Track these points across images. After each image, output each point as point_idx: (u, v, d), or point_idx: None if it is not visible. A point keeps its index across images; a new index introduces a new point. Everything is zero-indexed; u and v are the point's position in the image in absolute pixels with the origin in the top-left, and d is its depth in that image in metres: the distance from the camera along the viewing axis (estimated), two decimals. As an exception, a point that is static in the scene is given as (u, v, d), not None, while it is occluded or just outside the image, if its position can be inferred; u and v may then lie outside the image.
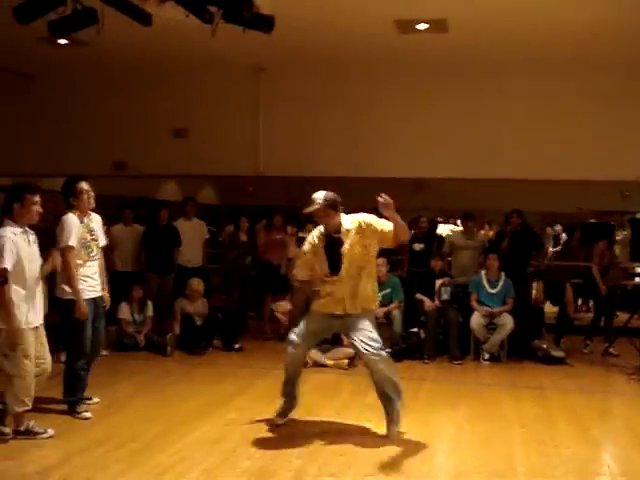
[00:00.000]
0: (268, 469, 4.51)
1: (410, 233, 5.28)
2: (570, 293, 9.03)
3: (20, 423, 4.98)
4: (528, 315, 8.59)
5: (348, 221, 5.13)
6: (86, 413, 5.59)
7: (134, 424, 5.42)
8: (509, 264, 8.53)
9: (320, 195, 5.08)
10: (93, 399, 5.92)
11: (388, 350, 7.98)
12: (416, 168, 9.35)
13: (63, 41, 8.09)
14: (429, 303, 8.44)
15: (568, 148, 8.81)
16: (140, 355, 8.07)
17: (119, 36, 6.97)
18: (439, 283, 8.56)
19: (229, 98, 9.81)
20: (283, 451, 4.88)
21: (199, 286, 8.66)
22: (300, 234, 8.84)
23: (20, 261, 4.78)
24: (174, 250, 9.11)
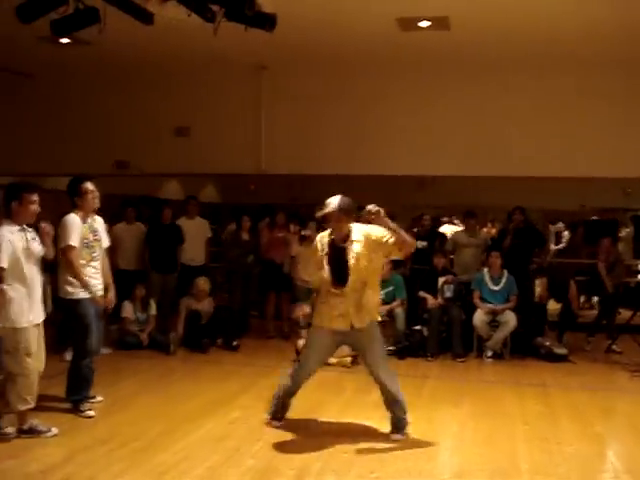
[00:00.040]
0: (271, 467, 4.52)
1: (412, 242, 5.08)
2: (574, 289, 9.03)
3: (24, 422, 4.99)
4: (531, 312, 8.60)
5: (357, 232, 4.97)
6: (90, 412, 5.60)
7: (137, 422, 5.43)
8: (512, 261, 8.53)
9: (335, 200, 4.92)
10: (96, 397, 5.93)
11: (391, 348, 8.08)
12: (419, 166, 9.34)
13: (65, 40, 8.09)
14: (432, 301, 8.44)
15: (571, 145, 8.80)
16: (143, 354, 8.08)
17: (121, 35, 6.98)
18: (442, 281, 8.56)
19: (231, 96, 9.81)
20: (286, 449, 4.89)
21: (205, 285, 8.68)
22: (302, 232, 8.84)
23: (17, 259, 4.78)
24: (177, 249, 9.12)
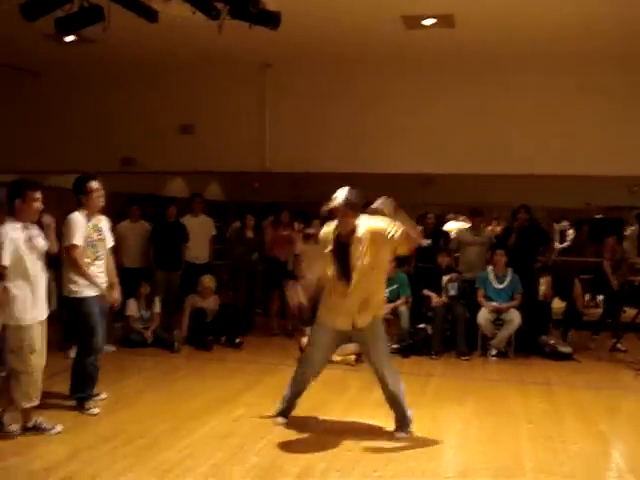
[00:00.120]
0: (275, 465, 4.53)
1: (417, 237, 4.99)
2: (579, 288, 9.02)
3: (28, 419, 5.00)
4: (535, 311, 8.58)
5: (362, 227, 4.87)
6: (94, 409, 5.60)
7: (142, 420, 5.44)
8: (516, 260, 8.51)
9: (342, 194, 4.85)
10: (101, 395, 5.93)
11: (395, 346, 8.08)
12: (423, 164, 9.33)
13: (69, 38, 8.10)
14: (436, 299, 8.43)
15: (575, 143, 8.77)
16: (148, 351, 8.09)
17: (125, 33, 6.98)
18: (446, 279, 8.56)
19: (235, 94, 9.80)
20: (291, 447, 4.89)
21: (211, 283, 8.69)
22: (307, 230, 8.85)
23: (21, 257, 4.79)
24: (181, 246, 9.13)
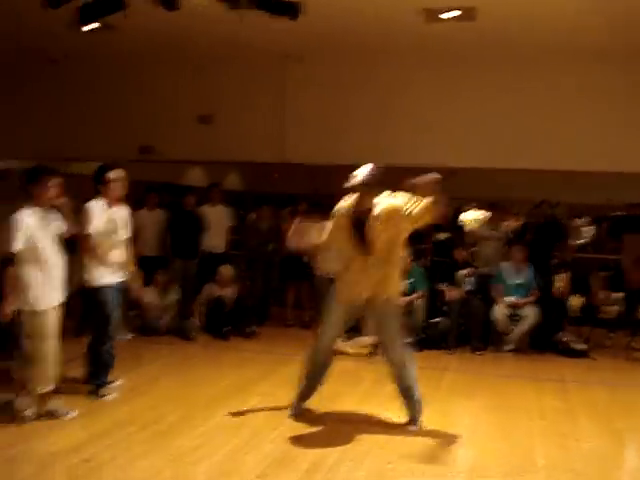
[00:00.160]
0: (289, 454, 4.56)
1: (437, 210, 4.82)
2: (597, 284, 8.97)
3: (44, 404, 5.05)
4: (551, 307, 8.54)
5: (380, 205, 4.91)
6: (110, 395, 5.66)
7: (157, 406, 5.49)
8: (534, 255, 8.47)
9: (362, 171, 4.89)
10: (117, 381, 5.98)
11: (410, 340, 8.07)
12: (444, 157, 9.25)
13: (91, 26, 8.12)
14: (452, 293, 8.41)
15: (598, 139, 8.70)
16: (164, 339, 8.14)
17: (146, 21, 7.00)
18: (462, 273, 8.53)
19: (255, 84, 9.81)
20: (304, 437, 4.92)
21: (229, 273, 8.72)
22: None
23: (36, 242, 4.83)
24: (199, 235, 9.16)
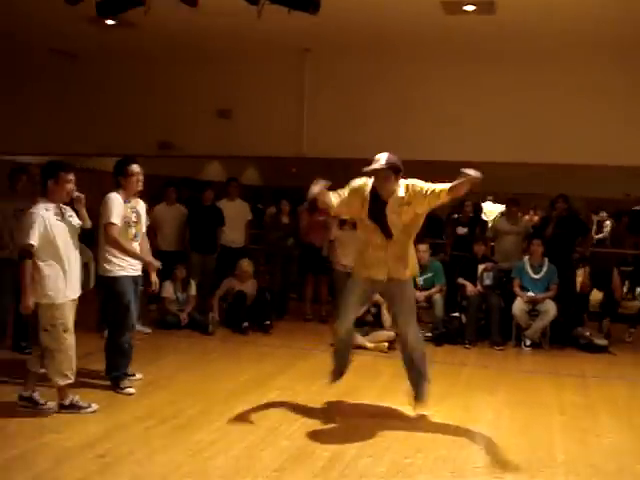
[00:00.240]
0: (307, 449, 4.56)
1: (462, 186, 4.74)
2: (617, 278, 8.91)
3: (64, 397, 5.09)
4: (571, 302, 8.49)
5: (402, 189, 4.92)
6: (129, 389, 5.69)
7: (176, 401, 5.51)
8: (554, 250, 8.42)
9: (384, 156, 4.91)
10: (136, 375, 6.02)
11: (428, 334, 8.08)
12: (462, 151, 9.21)
13: (110, 21, 8.15)
14: (471, 288, 8.38)
15: (616, 133, 8.61)
16: (182, 333, 8.19)
17: (166, 17, 7.01)
18: (481, 268, 8.50)
19: (274, 79, 9.80)
20: (322, 432, 4.92)
21: (249, 267, 8.76)
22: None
23: (52, 237, 4.88)
24: (217, 230, 9.18)
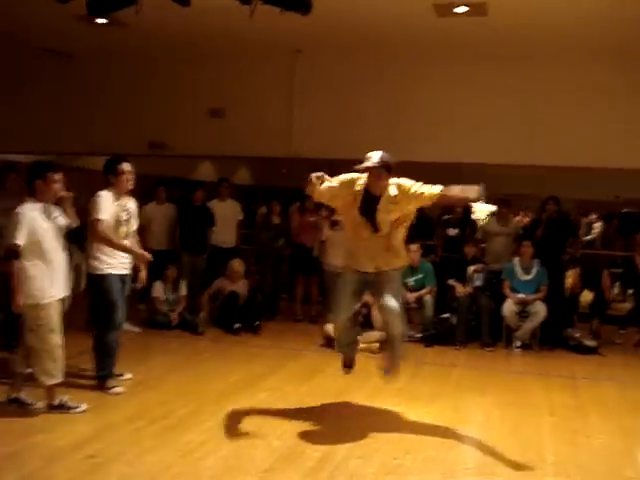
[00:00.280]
0: (297, 449, 4.56)
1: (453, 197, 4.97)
2: (607, 279, 8.96)
3: (53, 397, 5.07)
4: (561, 303, 8.52)
5: (393, 187, 4.93)
6: (117, 388, 5.67)
7: (166, 401, 5.50)
8: (544, 252, 8.45)
9: (377, 154, 4.92)
10: (125, 375, 6.00)
11: (418, 335, 8.10)
12: (454, 153, 9.25)
13: (102, 21, 8.13)
14: (461, 289, 8.40)
15: (607, 135, 8.65)
16: (172, 333, 8.17)
17: (158, 16, 6.98)
18: (472, 269, 8.52)
19: (266, 79, 9.81)
20: (312, 432, 4.92)
21: (240, 267, 8.75)
22: (333, 217, 8.84)
23: (38, 236, 4.87)
24: (207, 230, 9.17)
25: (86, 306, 7.29)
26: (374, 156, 4.91)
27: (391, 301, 5.00)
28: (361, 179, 5.03)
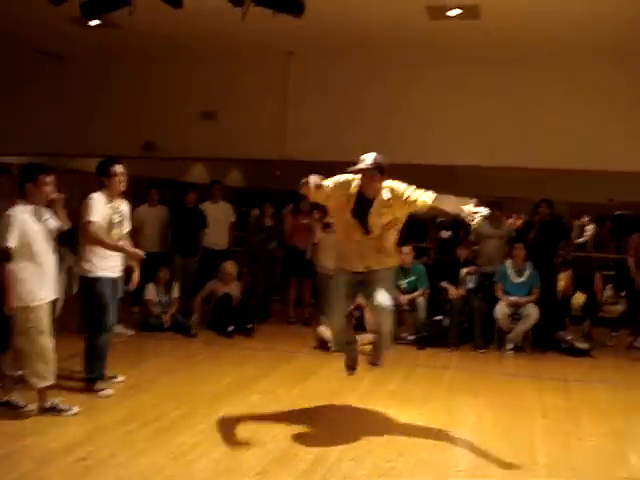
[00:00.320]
0: (289, 452, 4.55)
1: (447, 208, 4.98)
2: (599, 281, 8.98)
3: (44, 399, 5.05)
4: (553, 306, 8.54)
5: (387, 191, 4.93)
6: (106, 391, 5.64)
7: (158, 403, 5.48)
8: (536, 254, 8.46)
9: (370, 155, 4.92)
10: (118, 377, 5.98)
11: (411, 337, 8.11)
12: (447, 155, 9.27)
13: (95, 22, 8.12)
14: (454, 291, 8.41)
15: (599, 138, 8.68)
16: (165, 336, 8.15)
17: (151, 18, 6.98)
18: (464, 272, 8.53)
19: (259, 81, 9.81)
20: (304, 435, 4.90)
21: (233, 269, 8.73)
22: (326, 219, 8.85)
23: (28, 238, 4.85)
24: (199, 232, 9.16)
25: (78, 309, 7.28)
26: (367, 158, 4.91)
27: (383, 297, 4.97)
28: (355, 181, 5.02)
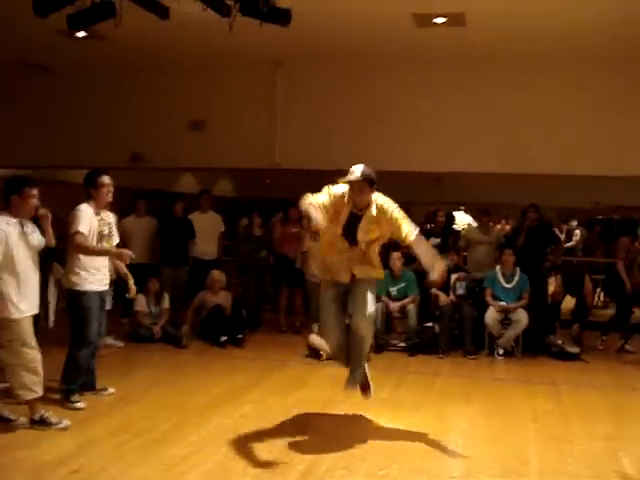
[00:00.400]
0: (282, 461, 4.53)
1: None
2: (589, 285, 9.02)
3: (34, 412, 5.01)
4: (543, 311, 8.57)
5: (375, 207, 4.95)
6: (79, 404, 5.56)
7: (149, 415, 5.46)
8: (525, 259, 8.49)
9: (359, 168, 4.92)
10: (108, 389, 5.96)
11: (402, 344, 8.12)
12: (433, 162, 9.31)
13: (81, 34, 8.12)
14: (444, 298, 8.43)
15: (587, 143, 8.73)
16: (155, 347, 8.12)
17: (137, 29, 7.00)
18: (454, 278, 8.55)
19: (246, 91, 9.82)
20: (296, 443, 4.90)
21: (220, 276, 8.73)
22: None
23: (11, 251, 4.83)
24: (188, 243, 9.15)
25: (66, 320, 7.25)
26: (356, 170, 4.92)
27: (361, 322, 5.03)
28: (347, 194, 5.02)
